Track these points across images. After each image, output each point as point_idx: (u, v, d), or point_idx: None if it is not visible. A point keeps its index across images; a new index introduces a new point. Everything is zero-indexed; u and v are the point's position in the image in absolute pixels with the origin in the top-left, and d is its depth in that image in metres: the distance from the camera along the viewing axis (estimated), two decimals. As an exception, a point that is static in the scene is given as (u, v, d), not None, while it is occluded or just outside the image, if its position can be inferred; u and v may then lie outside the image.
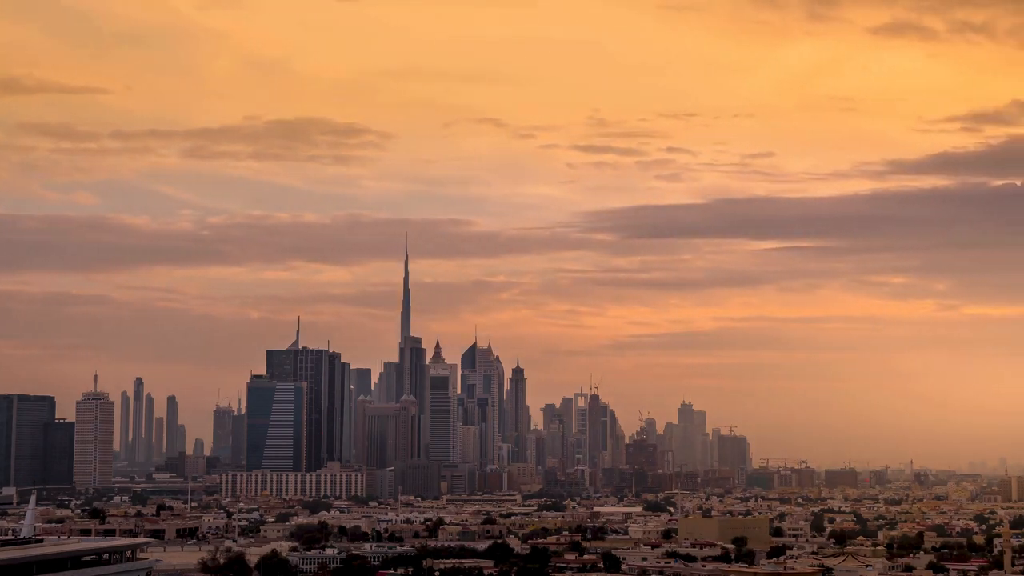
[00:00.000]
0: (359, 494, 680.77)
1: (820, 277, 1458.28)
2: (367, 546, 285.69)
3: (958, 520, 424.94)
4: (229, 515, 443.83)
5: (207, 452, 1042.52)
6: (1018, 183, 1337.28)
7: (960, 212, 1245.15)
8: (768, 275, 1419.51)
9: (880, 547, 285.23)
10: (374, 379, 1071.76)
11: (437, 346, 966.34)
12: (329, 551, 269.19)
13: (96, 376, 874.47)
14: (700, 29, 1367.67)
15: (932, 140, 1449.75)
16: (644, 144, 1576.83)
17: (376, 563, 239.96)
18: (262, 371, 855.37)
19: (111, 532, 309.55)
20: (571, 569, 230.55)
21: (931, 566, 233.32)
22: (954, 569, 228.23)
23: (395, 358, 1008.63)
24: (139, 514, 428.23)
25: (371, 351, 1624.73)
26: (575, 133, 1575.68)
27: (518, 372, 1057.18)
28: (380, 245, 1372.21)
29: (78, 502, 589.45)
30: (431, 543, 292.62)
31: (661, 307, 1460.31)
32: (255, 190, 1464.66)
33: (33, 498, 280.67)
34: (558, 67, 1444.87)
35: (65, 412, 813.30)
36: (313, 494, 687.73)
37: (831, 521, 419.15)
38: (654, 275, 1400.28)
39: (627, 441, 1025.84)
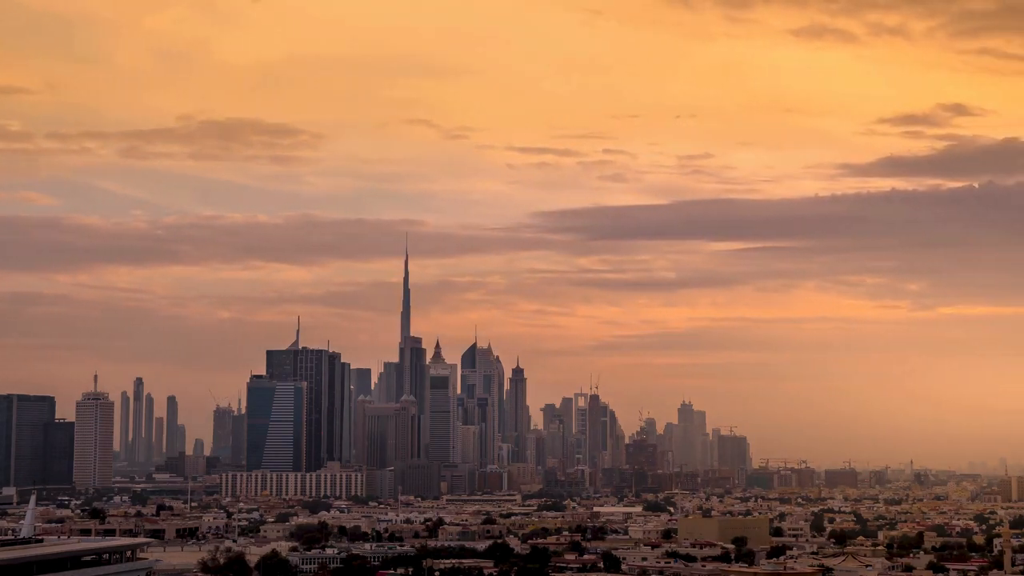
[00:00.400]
0: (359, 494, 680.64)
1: (792, 277, 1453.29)
2: (367, 546, 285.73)
3: (958, 520, 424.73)
4: (229, 515, 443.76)
5: (207, 452, 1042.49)
6: (976, 185, 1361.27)
7: (927, 213, 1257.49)
8: (737, 276, 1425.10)
9: (880, 547, 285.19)
10: (374, 379, 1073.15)
11: (437, 346, 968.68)
12: (329, 551, 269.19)
13: (96, 376, 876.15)
14: (621, 30, 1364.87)
15: (876, 143, 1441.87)
16: (581, 145, 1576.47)
17: (376, 563, 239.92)
18: (258, 371, 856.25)
19: (111, 532, 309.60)
20: (571, 569, 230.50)
21: (931, 566, 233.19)
22: (954, 569, 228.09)
23: (393, 358, 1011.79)
24: (139, 514, 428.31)
25: (362, 351, 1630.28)
26: (508, 134, 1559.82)
27: (518, 372, 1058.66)
28: (337, 245, 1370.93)
29: (78, 502, 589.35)
30: (431, 543, 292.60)
31: (630, 307, 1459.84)
32: (200, 190, 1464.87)
33: (33, 498, 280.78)
34: (485, 64, 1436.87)
35: (65, 412, 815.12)
36: (313, 494, 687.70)
37: (831, 521, 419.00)
38: (622, 276, 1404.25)
39: (627, 441, 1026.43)
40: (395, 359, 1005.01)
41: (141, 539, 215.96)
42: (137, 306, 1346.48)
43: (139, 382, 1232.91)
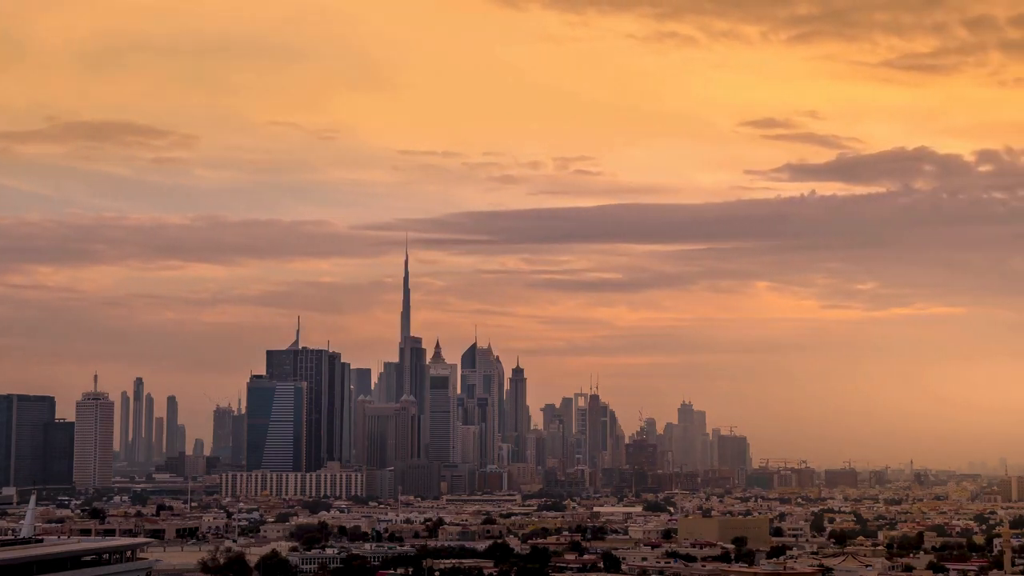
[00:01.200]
0: (359, 494, 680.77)
1: (742, 278, 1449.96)
2: (367, 546, 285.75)
3: (958, 520, 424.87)
4: (229, 515, 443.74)
5: (207, 452, 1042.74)
6: (894, 189, 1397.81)
7: (856, 216, 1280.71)
8: (682, 277, 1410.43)
9: (880, 547, 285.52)
10: (374, 379, 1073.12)
11: (437, 346, 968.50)
12: (329, 551, 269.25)
13: (96, 376, 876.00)
14: (458, 27, 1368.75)
15: (757, 145, 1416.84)
16: (459, 146, 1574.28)
17: (376, 563, 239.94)
18: (256, 371, 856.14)
19: (111, 532, 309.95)
20: (571, 569, 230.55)
21: (931, 566, 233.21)
22: (954, 569, 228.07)
23: (393, 357, 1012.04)
24: (139, 514, 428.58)
25: (362, 352, 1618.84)
26: (381, 134, 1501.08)
27: (518, 372, 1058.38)
28: (251, 246, 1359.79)
29: (78, 502, 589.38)
30: (431, 543, 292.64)
31: (567, 307, 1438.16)
32: (93, 189, 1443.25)
33: (33, 498, 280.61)
34: (340, 60, 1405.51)
35: (65, 412, 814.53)
36: (313, 494, 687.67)
37: (831, 521, 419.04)
38: (569, 276, 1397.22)
39: (627, 441, 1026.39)
40: (394, 359, 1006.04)
41: (141, 539, 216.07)
42: (76, 306, 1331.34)
43: (139, 382, 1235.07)
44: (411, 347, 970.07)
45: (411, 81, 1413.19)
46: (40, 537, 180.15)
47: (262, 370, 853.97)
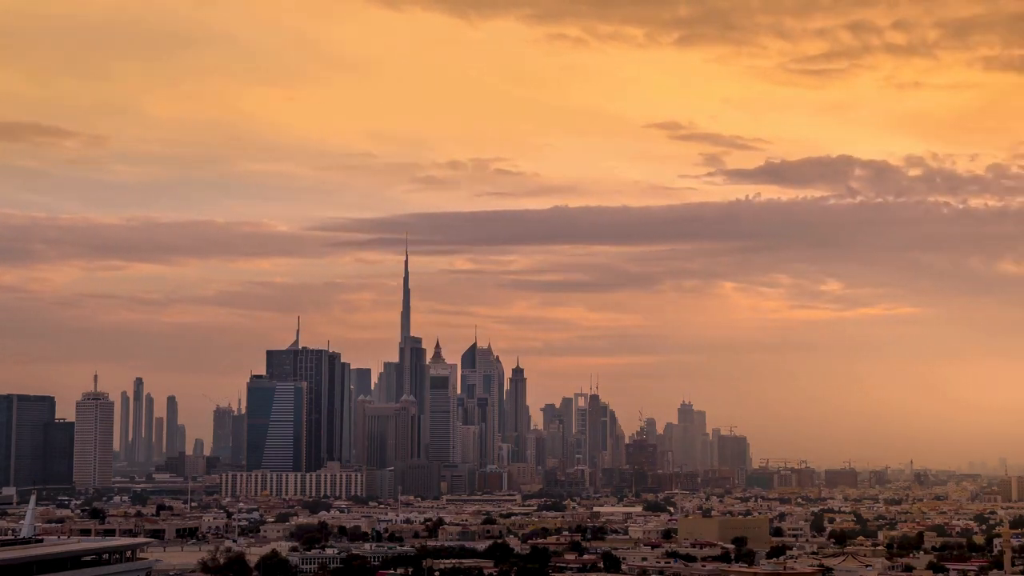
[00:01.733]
0: (359, 494, 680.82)
1: (705, 278, 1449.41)
2: (367, 546, 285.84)
3: (958, 520, 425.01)
4: (229, 515, 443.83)
5: (207, 452, 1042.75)
6: (838, 192, 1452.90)
7: (803, 219, 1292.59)
8: (643, 277, 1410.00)
9: (880, 547, 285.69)
10: (374, 379, 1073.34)
11: (437, 346, 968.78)
12: (329, 551, 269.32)
13: (96, 376, 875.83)
14: (349, 28, 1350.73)
15: (674, 147, 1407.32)
16: (379, 147, 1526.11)
17: (376, 563, 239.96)
18: (257, 371, 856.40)
19: (111, 532, 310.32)
20: (571, 569, 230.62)
21: (931, 566, 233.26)
22: (954, 569, 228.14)
23: (391, 357, 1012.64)
24: (139, 514, 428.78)
25: (362, 351, 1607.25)
26: (295, 133, 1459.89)
27: (518, 372, 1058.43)
28: (190, 246, 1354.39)
29: (78, 502, 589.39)
30: (431, 543, 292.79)
31: (524, 307, 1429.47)
32: (20, 188, 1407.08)
33: (33, 498, 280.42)
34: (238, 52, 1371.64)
35: (65, 412, 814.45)
36: (313, 494, 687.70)
37: (831, 521, 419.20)
38: (539, 277, 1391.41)
39: (627, 441, 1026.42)
40: (393, 359, 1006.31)
41: (141, 539, 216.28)
42: (32, 306, 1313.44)
43: (139, 382, 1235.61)
44: (411, 347, 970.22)
45: (311, 78, 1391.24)
46: (40, 537, 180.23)
47: (261, 370, 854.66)
